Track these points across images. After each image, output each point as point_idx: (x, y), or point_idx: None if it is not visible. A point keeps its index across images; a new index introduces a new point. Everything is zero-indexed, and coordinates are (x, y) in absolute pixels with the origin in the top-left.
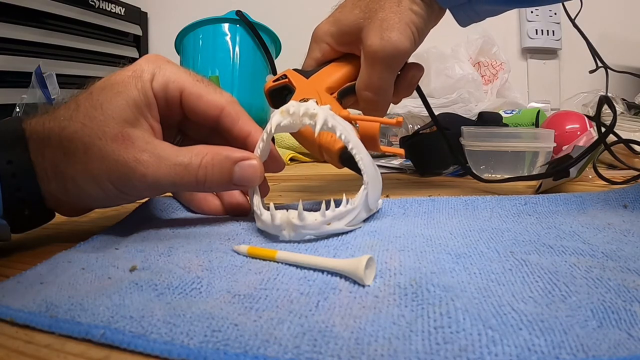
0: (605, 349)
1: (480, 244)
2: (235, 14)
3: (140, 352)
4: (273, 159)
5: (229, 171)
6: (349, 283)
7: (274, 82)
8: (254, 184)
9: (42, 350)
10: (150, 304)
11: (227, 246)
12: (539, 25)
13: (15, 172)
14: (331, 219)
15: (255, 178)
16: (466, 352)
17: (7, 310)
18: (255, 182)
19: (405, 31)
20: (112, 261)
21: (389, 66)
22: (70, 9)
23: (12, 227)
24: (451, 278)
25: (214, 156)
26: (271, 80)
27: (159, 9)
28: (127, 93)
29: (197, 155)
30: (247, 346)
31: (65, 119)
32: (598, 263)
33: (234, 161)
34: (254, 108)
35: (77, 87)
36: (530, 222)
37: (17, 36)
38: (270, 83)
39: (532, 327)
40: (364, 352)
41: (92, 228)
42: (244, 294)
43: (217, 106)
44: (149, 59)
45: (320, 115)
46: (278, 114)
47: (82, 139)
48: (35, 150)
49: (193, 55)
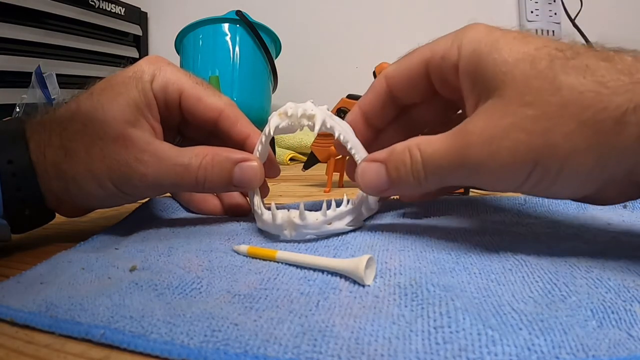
0: (605, 348)
1: (480, 244)
2: (235, 14)
3: (140, 352)
4: (270, 163)
5: (229, 172)
6: (349, 283)
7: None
8: (254, 186)
9: (42, 350)
10: (150, 304)
11: (227, 246)
12: (539, 25)
13: (15, 172)
14: (332, 219)
15: (255, 179)
16: (466, 352)
17: (7, 310)
18: (255, 183)
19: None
20: (112, 261)
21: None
22: (70, 9)
23: (13, 227)
24: (451, 278)
25: (214, 157)
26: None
27: (159, 9)
28: (128, 94)
29: (197, 155)
30: (247, 346)
31: (66, 119)
32: (598, 263)
33: (234, 162)
34: (253, 108)
35: (77, 87)
36: (530, 222)
37: (17, 36)
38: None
39: (532, 327)
40: (363, 352)
41: (92, 228)
42: (244, 294)
43: (215, 109)
44: (149, 60)
45: (319, 115)
46: (276, 116)
47: (84, 140)
48: (36, 150)
49: (193, 55)
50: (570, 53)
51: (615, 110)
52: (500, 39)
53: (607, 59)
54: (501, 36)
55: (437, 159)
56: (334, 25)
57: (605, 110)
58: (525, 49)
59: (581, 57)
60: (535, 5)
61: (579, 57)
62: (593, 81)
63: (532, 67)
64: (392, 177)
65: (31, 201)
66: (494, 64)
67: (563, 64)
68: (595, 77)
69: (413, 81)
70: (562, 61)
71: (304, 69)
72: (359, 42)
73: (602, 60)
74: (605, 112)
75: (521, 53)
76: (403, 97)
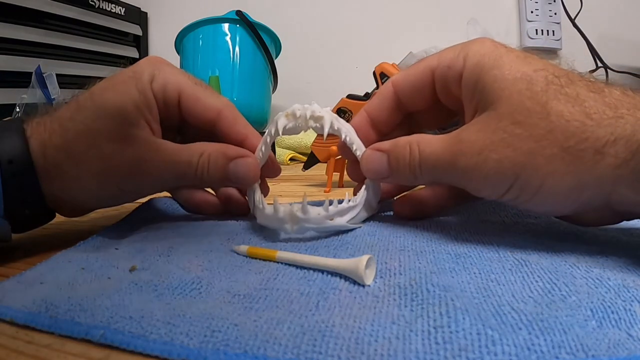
0: (604, 348)
1: (480, 244)
2: (235, 14)
3: (140, 352)
4: (270, 164)
5: (224, 167)
6: (349, 283)
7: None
8: (249, 182)
9: (42, 350)
10: (150, 304)
11: (227, 246)
12: (539, 25)
13: (15, 172)
14: (334, 214)
15: (250, 175)
16: (466, 352)
17: (7, 310)
18: (250, 179)
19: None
20: (112, 261)
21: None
22: (70, 9)
23: (13, 227)
24: (451, 278)
25: (211, 152)
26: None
27: (159, 9)
28: (128, 94)
29: (197, 151)
30: (247, 346)
31: (66, 119)
32: (598, 263)
33: (229, 158)
34: (253, 108)
35: (77, 87)
36: (530, 221)
37: (17, 36)
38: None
39: (532, 327)
40: (363, 352)
41: (92, 228)
42: (244, 294)
43: (214, 109)
44: (149, 60)
45: (327, 118)
46: (283, 117)
47: (84, 140)
48: (37, 150)
49: (193, 55)
50: (564, 80)
51: (596, 141)
52: (504, 56)
53: (597, 90)
54: (505, 53)
55: (433, 160)
56: (334, 26)
57: (587, 140)
58: (525, 69)
59: (574, 86)
60: (535, 5)
61: (572, 85)
62: (580, 111)
63: (527, 87)
64: (392, 167)
65: (32, 201)
66: (494, 80)
67: (557, 90)
68: (583, 108)
69: (419, 88)
70: (557, 87)
71: (304, 69)
72: (359, 42)
73: (592, 91)
74: (586, 142)
75: (520, 72)
76: (409, 103)
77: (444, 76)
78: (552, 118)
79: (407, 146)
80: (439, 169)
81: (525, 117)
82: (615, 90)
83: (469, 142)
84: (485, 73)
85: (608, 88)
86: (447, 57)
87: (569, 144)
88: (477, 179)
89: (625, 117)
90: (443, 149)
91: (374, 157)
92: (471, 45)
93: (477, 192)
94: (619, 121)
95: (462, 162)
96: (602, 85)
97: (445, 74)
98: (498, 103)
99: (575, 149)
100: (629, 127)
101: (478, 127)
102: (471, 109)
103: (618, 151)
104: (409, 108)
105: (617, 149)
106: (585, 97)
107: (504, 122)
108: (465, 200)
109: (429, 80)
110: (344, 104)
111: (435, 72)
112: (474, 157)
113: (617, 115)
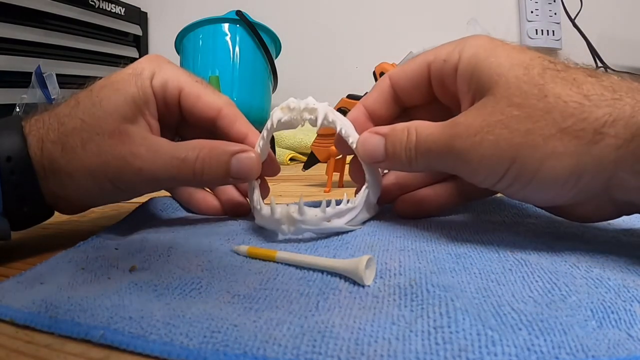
0: (604, 349)
1: (480, 244)
2: (235, 14)
3: (139, 352)
4: (270, 162)
5: (226, 164)
6: (349, 283)
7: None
8: (251, 177)
9: (42, 350)
10: (150, 305)
11: (227, 246)
12: (539, 25)
13: (14, 169)
14: (331, 216)
15: (253, 170)
16: (466, 352)
17: (7, 310)
18: (252, 174)
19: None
20: (112, 261)
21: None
22: (70, 9)
23: (12, 224)
24: (451, 278)
25: (211, 149)
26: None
27: (159, 9)
28: (127, 90)
29: (194, 148)
30: (246, 347)
31: (64, 115)
32: (598, 263)
33: (231, 153)
34: (253, 108)
35: (77, 87)
36: (530, 221)
37: (17, 36)
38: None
39: (532, 327)
40: (363, 352)
41: (92, 228)
42: (244, 294)
43: (214, 107)
44: (150, 58)
45: (321, 109)
46: (279, 110)
47: (81, 135)
48: (34, 146)
49: (193, 55)
50: (561, 67)
51: (595, 121)
52: (500, 47)
53: (594, 75)
54: (500, 45)
55: (429, 143)
56: (334, 25)
57: (585, 120)
58: (521, 57)
59: (570, 71)
60: (535, 5)
61: (569, 70)
62: (578, 93)
63: (524, 72)
64: (388, 151)
65: (30, 198)
66: (490, 67)
67: (553, 74)
68: (580, 90)
69: (415, 83)
70: (553, 72)
71: (304, 69)
72: (359, 42)
73: (589, 76)
74: (585, 122)
75: (517, 59)
76: (405, 97)
77: (440, 70)
78: (550, 99)
79: (405, 130)
80: (434, 153)
81: (522, 99)
82: (613, 76)
83: (465, 124)
84: (482, 62)
85: (605, 74)
86: (444, 52)
87: (567, 124)
88: (473, 161)
89: (623, 99)
90: (439, 132)
91: (371, 140)
92: (467, 40)
93: (472, 177)
94: (617, 102)
95: (458, 144)
96: (598, 72)
97: (441, 67)
98: (495, 87)
99: (573, 129)
100: (628, 109)
101: (475, 111)
102: (468, 99)
103: (618, 132)
104: (405, 103)
105: (617, 130)
106: (583, 81)
107: (501, 104)
108: (466, 199)
109: (425, 74)
110: (344, 104)
111: (432, 67)
112: (469, 139)
113: (615, 97)
